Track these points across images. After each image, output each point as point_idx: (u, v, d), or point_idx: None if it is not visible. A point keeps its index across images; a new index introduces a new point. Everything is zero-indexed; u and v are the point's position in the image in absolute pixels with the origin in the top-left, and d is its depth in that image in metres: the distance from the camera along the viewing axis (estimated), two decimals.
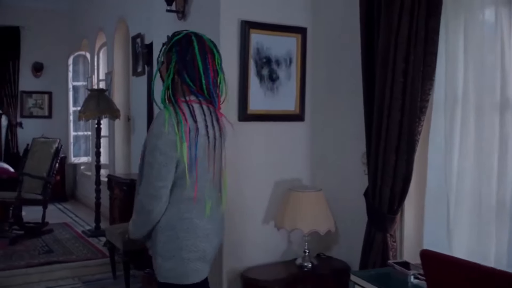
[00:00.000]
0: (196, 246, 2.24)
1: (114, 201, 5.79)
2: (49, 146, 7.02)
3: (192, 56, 2.27)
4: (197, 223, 2.24)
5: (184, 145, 2.15)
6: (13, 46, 9.44)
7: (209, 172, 2.27)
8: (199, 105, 2.26)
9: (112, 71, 7.45)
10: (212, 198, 2.32)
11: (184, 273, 2.24)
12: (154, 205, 2.19)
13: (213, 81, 2.31)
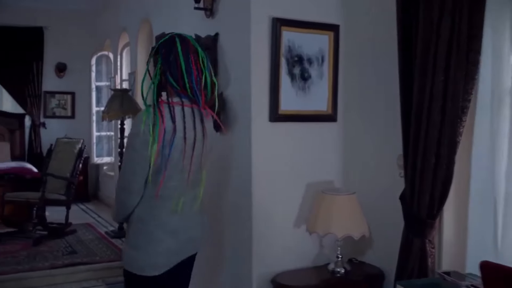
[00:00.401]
0: (162, 242, 2.35)
1: None
2: (73, 147, 6.99)
3: (175, 57, 2.34)
4: (165, 220, 2.36)
5: (155, 146, 2.23)
6: (36, 46, 9.45)
7: (184, 172, 2.35)
8: (180, 107, 2.33)
9: (136, 71, 7.39)
10: (187, 196, 2.42)
11: (145, 265, 2.36)
12: (126, 197, 2.36)
13: (196, 79, 2.36)
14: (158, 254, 2.36)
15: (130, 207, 2.37)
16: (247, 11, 3.06)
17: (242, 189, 3.13)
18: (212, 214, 3.45)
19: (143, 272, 2.36)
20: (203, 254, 3.54)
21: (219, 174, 3.41)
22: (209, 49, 3.35)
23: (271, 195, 3.11)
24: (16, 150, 9.31)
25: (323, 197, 3.05)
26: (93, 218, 7.95)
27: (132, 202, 2.36)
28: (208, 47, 3.35)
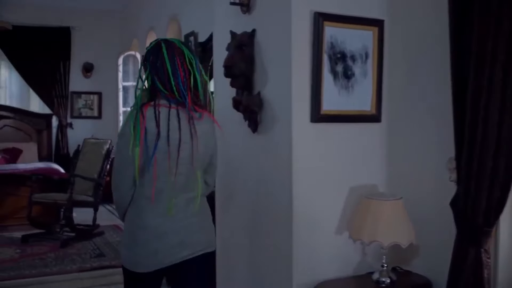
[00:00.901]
0: (147, 243, 2.42)
1: None
2: (100, 147, 6.90)
3: (161, 62, 2.42)
4: (149, 222, 2.42)
5: (137, 147, 2.31)
6: (64, 46, 9.42)
7: (170, 173, 2.38)
8: (167, 109, 2.38)
9: None
10: (179, 199, 2.44)
11: (135, 262, 2.47)
12: (116, 197, 2.50)
13: (183, 80, 2.41)
14: (146, 254, 2.43)
15: (122, 206, 2.50)
16: (287, 6, 2.89)
17: (281, 193, 2.97)
18: (250, 219, 3.31)
19: (133, 268, 2.49)
20: (241, 260, 3.43)
21: (256, 178, 3.25)
22: (246, 46, 3.19)
23: (312, 199, 2.94)
24: (43, 150, 9.28)
25: (368, 202, 2.88)
26: None
27: (123, 201, 2.48)
28: (244, 44, 3.19)
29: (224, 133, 3.71)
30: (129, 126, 2.35)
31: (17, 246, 6.20)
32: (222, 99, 3.70)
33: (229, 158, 3.61)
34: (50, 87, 9.30)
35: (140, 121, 2.32)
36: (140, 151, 2.32)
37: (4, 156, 8.54)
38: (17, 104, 9.36)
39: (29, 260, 5.60)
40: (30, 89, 9.35)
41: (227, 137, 3.66)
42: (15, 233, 6.82)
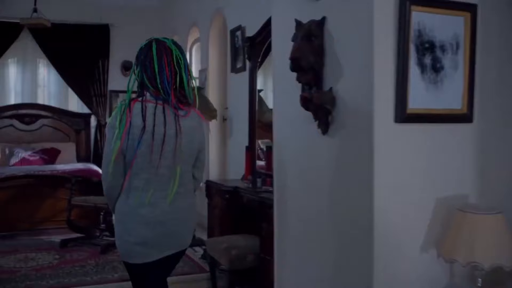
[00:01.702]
0: (136, 232, 2.56)
1: (214, 210, 5.25)
2: None
3: (149, 60, 2.55)
4: (137, 211, 2.55)
5: (118, 142, 2.47)
6: (102, 44, 9.17)
7: (153, 165, 2.52)
8: (153, 105, 2.52)
9: (207, 68, 6.94)
10: (162, 191, 2.58)
11: (127, 253, 2.61)
12: (104, 186, 2.66)
13: (168, 79, 2.52)
14: (136, 243, 2.56)
15: (112, 196, 2.64)
16: None
17: (360, 203, 2.57)
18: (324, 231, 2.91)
19: (127, 259, 2.64)
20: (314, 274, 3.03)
21: (326, 187, 2.86)
22: (315, 36, 2.80)
23: (395, 211, 2.53)
24: (81, 151, 9.05)
25: (462, 216, 2.46)
26: None
27: (111, 191, 2.63)
28: (313, 33, 2.81)
29: (284, 134, 3.36)
30: (116, 119, 2.51)
31: (56, 251, 5.94)
32: (282, 96, 3.33)
33: (291, 164, 3.23)
34: (88, 86, 9.06)
35: (126, 115, 2.48)
36: (120, 144, 2.48)
37: (43, 156, 8.32)
38: (56, 104, 9.14)
39: (68, 267, 5.32)
40: (68, 88, 9.11)
41: (287, 139, 3.30)
42: (53, 237, 6.58)
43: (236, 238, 4.55)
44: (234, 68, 6.06)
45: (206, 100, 6.10)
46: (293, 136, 3.21)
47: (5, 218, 6.61)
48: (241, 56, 5.83)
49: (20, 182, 6.74)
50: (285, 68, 2.95)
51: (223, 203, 4.97)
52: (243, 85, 5.74)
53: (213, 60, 6.92)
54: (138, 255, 2.60)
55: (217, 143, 6.96)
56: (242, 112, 5.77)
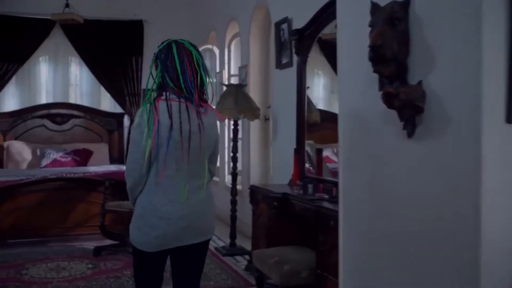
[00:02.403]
0: (156, 226, 2.65)
1: (259, 218, 4.81)
2: None
3: (171, 60, 2.65)
4: (158, 207, 2.64)
5: (150, 140, 2.56)
6: (136, 41, 8.81)
7: (183, 161, 2.62)
8: (177, 103, 2.62)
9: (248, 65, 6.52)
10: (186, 185, 2.66)
11: (145, 243, 2.68)
12: (128, 180, 2.71)
13: (190, 79, 2.64)
14: (155, 237, 2.65)
15: (135, 192, 2.72)
16: None
17: (461, 229, 2.09)
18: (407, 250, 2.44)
19: (142, 247, 2.70)
20: None
21: (411, 196, 2.39)
22: (398, 19, 2.34)
23: (507, 228, 2.06)
24: (114, 152, 8.72)
25: None
26: None
27: (135, 187, 2.70)
28: (396, 17, 2.35)
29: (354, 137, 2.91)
30: (143, 118, 2.60)
31: (90, 260, 5.57)
32: (351, 92, 2.88)
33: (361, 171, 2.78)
34: (121, 84, 8.71)
35: (154, 114, 2.58)
36: (152, 142, 2.58)
37: (75, 158, 8.01)
38: (88, 103, 8.82)
39: (102, 279, 4.94)
40: (101, 87, 8.79)
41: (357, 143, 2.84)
42: (86, 244, 6.23)
43: (288, 251, 4.10)
44: (279, 64, 5.62)
45: (248, 99, 5.67)
46: (366, 140, 2.75)
47: (36, 223, 6.27)
48: (288, 50, 5.38)
49: (51, 185, 6.39)
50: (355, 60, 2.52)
51: (270, 211, 4.53)
52: (289, 82, 5.30)
53: (254, 56, 6.50)
54: (155, 245, 2.70)
55: (258, 145, 6.53)
56: (288, 111, 5.33)
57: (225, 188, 7.45)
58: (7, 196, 6.21)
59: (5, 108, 8.44)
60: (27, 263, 5.42)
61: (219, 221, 7.56)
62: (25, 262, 5.47)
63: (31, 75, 8.62)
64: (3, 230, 6.16)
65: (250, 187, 5.02)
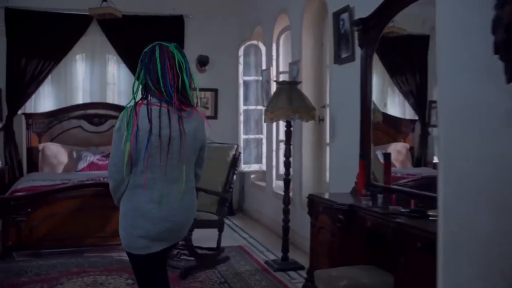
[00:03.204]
0: (141, 226, 2.72)
1: (320, 232, 4.24)
2: (225, 154, 5.67)
3: (153, 63, 2.71)
4: (142, 206, 2.72)
5: (128, 144, 2.64)
6: (176, 37, 8.29)
7: (161, 165, 2.70)
8: (158, 108, 2.68)
9: (300, 60, 5.95)
10: (171, 189, 2.75)
11: (131, 244, 2.78)
12: (111, 183, 2.81)
13: (171, 83, 2.68)
14: (140, 236, 2.72)
15: (118, 193, 2.80)
16: None
17: None
18: None
19: (130, 250, 2.80)
20: None
21: None
22: None
23: None
24: None
25: None
26: (244, 239, 6.63)
27: (117, 188, 2.79)
28: None
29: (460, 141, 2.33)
30: (123, 122, 2.67)
31: (128, 274, 5.07)
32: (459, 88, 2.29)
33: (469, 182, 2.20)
34: None
35: (133, 119, 2.64)
36: (131, 146, 2.64)
37: None
38: (126, 103, 8.31)
39: None
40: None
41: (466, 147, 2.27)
42: (124, 254, 5.69)
43: (358, 273, 3.54)
44: (337, 58, 5.04)
45: (303, 97, 5.11)
46: (481, 145, 2.17)
47: (72, 232, 5.82)
48: (349, 43, 4.80)
49: (88, 191, 5.92)
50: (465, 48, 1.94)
51: (334, 224, 3.96)
52: (351, 78, 4.74)
53: (307, 51, 5.94)
54: (140, 247, 2.75)
55: (311, 148, 5.96)
56: (349, 111, 4.76)
57: (273, 194, 6.92)
58: (42, 203, 5.76)
59: (40, 109, 8.05)
60: (62, 277, 4.97)
61: (257, 224, 7.00)
62: (60, 275, 5.02)
63: (67, 74, 8.21)
64: (36, 239, 5.73)
65: (308, 197, 4.46)
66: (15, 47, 7.74)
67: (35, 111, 8.00)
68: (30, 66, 7.78)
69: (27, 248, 5.69)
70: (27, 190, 5.96)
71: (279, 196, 6.70)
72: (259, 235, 6.75)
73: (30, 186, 6.09)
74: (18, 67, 7.73)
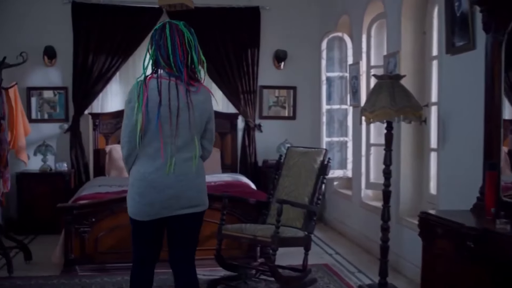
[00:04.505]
0: (144, 194, 2.95)
1: (436, 260, 3.43)
2: (311, 160, 4.93)
3: (164, 40, 2.93)
4: (146, 175, 2.94)
5: (140, 115, 2.86)
6: (252, 30, 7.66)
7: (171, 135, 2.92)
8: (167, 81, 2.91)
9: (398, 52, 5.13)
10: (178, 158, 2.96)
11: (137, 211, 3.01)
12: (124, 153, 3.02)
13: (180, 59, 2.91)
14: (144, 204, 2.95)
15: (129, 162, 3.03)
16: None
17: None
18: None
19: (135, 216, 3.03)
20: None
21: None
22: None
23: None
24: (227, 158, 7.66)
25: None
26: (329, 255, 5.87)
27: (129, 158, 3.01)
28: None
29: None
30: (134, 94, 2.92)
31: None
32: None
33: None
34: (236, 80, 7.57)
35: (143, 91, 2.88)
36: (142, 117, 2.87)
37: None
38: None
39: None
40: (212, 84, 7.69)
41: None
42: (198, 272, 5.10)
43: None
44: (451, 47, 4.19)
45: (408, 95, 4.29)
46: None
47: None
48: (468, 28, 3.94)
49: None
50: None
51: (459, 253, 3.14)
52: (469, 70, 3.92)
53: (407, 41, 5.11)
54: (146, 214, 2.98)
55: (411, 154, 5.13)
56: (467, 110, 3.95)
57: (361, 205, 6.13)
58: (107, 212, 5.18)
59: (108, 109, 7.56)
60: None
61: (354, 245, 6.19)
62: None
63: (135, 71, 7.66)
64: (101, 252, 5.18)
65: (421, 215, 3.63)
66: (82, 44, 7.28)
67: (102, 111, 7.53)
68: (97, 63, 7.29)
69: (91, 262, 5.16)
70: (91, 197, 5.42)
71: (368, 207, 5.93)
72: (346, 251, 5.97)
73: (95, 193, 5.56)
74: (85, 65, 7.26)
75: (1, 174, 5.25)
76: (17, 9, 7.18)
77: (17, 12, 7.18)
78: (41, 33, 7.21)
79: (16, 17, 7.17)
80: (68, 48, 7.20)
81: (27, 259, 5.49)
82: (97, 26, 7.29)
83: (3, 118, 5.26)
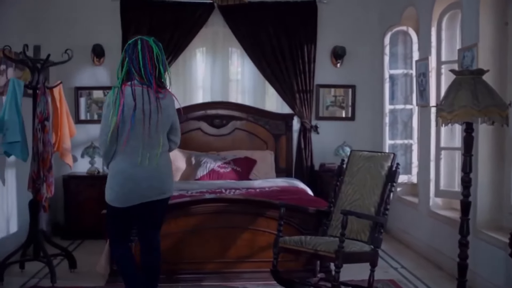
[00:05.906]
0: (123, 185, 3.59)
1: None
2: (378, 165, 4.45)
3: (136, 54, 3.55)
4: (125, 170, 3.59)
5: (115, 118, 3.50)
6: (308, 26, 7.20)
7: (144, 135, 3.56)
8: (140, 88, 3.55)
9: (476, 45, 4.59)
10: (150, 154, 3.60)
11: (115, 199, 3.63)
12: (102, 151, 3.68)
13: (150, 71, 3.55)
14: (123, 193, 3.59)
15: (108, 158, 3.65)
16: None
17: None
18: None
19: (115, 204, 3.64)
20: None
21: None
22: None
23: None
24: (281, 161, 7.24)
25: None
26: (394, 269, 5.36)
27: (107, 154, 3.64)
28: None
29: None
30: (111, 99, 3.54)
31: None
32: None
33: None
34: (291, 79, 7.12)
35: (120, 97, 3.50)
36: (117, 119, 3.50)
37: (235, 168, 6.58)
38: (251, 102, 7.32)
39: None
40: (266, 83, 7.29)
41: None
42: (250, 285, 4.76)
43: None
44: None
45: (491, 92, 3.76)
46: None
47: (187, 255, 4.84)
48: None
49: (209, 207, 4.92)
50: None
51: None
52: None
53: (486, 33, 4.56)
54: (124, 201, 3.61)
55: (489, 159, 4.58)
56: None
57: (429, 214, 5.61)
58: None
59: None
60: None
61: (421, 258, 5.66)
62: None
63: (186, 70, 7.35)
64: None
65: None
66: None
67: None
68: None
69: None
70: None
71: (438, 217, 5.40)
72: (412, 265, 5.44)
73: None
74: None
75: (44, 178, 4.97)
76: (65, 8, 6.97)
77: (65, 11, 6.97)
78: (89, 31, 6.99)
79: (64, 17, 6.96)
80: (117, 46, 6.92)
81: (71, 267, 5.23)
82: (146, 22, 7.00)
83: (47, 119, 4.98)
